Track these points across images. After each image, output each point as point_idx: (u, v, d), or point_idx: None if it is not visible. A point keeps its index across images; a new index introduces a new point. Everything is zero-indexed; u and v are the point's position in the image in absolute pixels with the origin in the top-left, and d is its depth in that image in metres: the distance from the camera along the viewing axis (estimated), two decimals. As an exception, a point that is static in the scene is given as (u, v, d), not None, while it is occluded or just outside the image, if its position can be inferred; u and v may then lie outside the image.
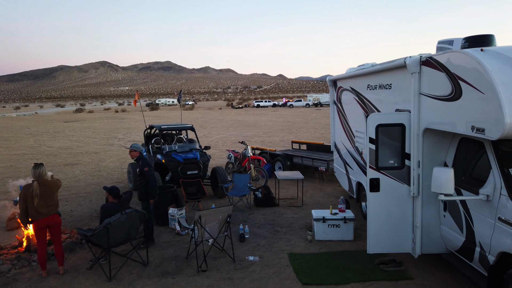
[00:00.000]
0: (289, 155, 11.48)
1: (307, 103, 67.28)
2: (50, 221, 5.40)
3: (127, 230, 5.50)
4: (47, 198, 5.33)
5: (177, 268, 5.57)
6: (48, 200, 5.34)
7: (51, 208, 5.39)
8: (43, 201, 5.27)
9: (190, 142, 9.99)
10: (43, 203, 5.27)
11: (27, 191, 5.22)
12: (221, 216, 5.67)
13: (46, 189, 5.32)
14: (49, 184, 5.41)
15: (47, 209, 5.33)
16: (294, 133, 24.30)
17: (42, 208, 5.26)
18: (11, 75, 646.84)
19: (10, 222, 7.64)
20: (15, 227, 7.59)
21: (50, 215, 5.39)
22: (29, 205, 5.23)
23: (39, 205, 5.23)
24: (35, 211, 5.23)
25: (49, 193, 5.38)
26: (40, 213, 5.26)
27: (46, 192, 5.32)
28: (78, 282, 5.26)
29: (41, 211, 5.26)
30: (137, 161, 6.94)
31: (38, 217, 5.27)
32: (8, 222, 7.67)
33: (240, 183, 8.49)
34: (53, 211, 5.44)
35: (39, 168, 5.34)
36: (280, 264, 5.61)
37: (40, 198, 5.24)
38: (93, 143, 22.24)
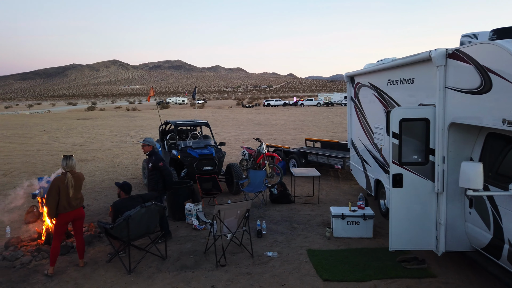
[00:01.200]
0: (304, 153, 11.40)
1: (318, 103, 66.94)
2: (76, 214, 5.39)
3: (146, 224, 5.49)
4: (77, 190, 5.34)
5: (195, 263, 5.55)
6: (77, 192, 5.35)
7: (79, 200, 5.41)
8: (74, 193, 5.27)
9: (205, 138, 9.98)
10: (75, 196, 5.28)
11: (61, 183, 5.16)
12: (239, 211, 5.63)
13: (76, 181, 5.32)
14: (79, 176, 5.42)
15: (77, 202, 5.35)
16: (306, 132, 24.17)
17: (73, 200, 5.26)
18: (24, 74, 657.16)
19: (28, 216, 7.71)
20: (33, 221, 7.66)
21: (78, 208, 5.40)
22: (62, 198, 5.16)
23: (73, 196, 5.23)
24: (68, 204, 5.20)
25: (79, 185, 5.38)
26: (72, 206, 5.25)
27: (76, 184, 5.32)
28: (98, 274, 5.27)
29: (72, 203, 5.26)
30: (150, 155, 6.94)
31: (68, 209, 5.23)
32: (26, 216, 7.74)
33: (255, 179, 8.44)
34: (81, 204, 5.46)
35: (70, 159, 5.33)
36: (299, 260, 5.55)
37: (74, 189, 5.24)
38: (106, 140, 22.41)
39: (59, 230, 5.34)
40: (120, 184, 5.87)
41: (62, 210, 5.21)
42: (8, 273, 5.35)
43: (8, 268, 5.49)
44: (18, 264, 5.55)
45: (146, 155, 6.97)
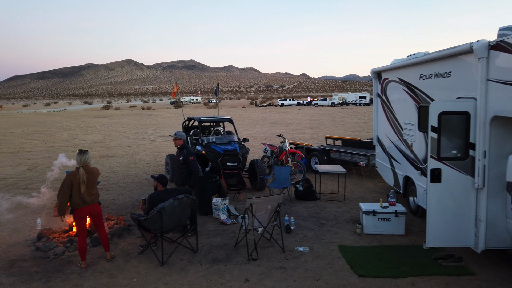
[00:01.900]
0: (326, 150, 11.30)
1: (332, 102, 66.49)
2: (92, 210, 5.29)
3: (178, 216, 5.49)
4: (91, 186, 5.25)
5: (226, 256, 5.53)
6: (91, 188, 5.27)
7: (94, 196, 5.31)
8: (88, 189, 5.18)
9: (229, 134, 9.97)
10: (87, 191, 5.18)
11: (73, 178, 5.08)
12: (271, 205, 5.59)
13: (90, 176, 5.22)
14: (93, 171, 5.33)
15: (91, 198, 5.25)
16: (323, 131, 24.00)
17: (87, 196, 5.18)
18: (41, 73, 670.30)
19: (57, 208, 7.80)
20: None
21: (93, 204, 5.30)
22: (74, 193, 5.09)
23: (85, 192, 5.14)
24: (80, 199, 5.12)
25: (93, 181, 5.30)
26: (85, 201, 5.16)
27: (90, 180, 5.23)
28: (131, 265, 5.30)
29: (86, 199, 5.17)
30: (181, 149, 6.97)
31: (82, 205, 5.15)
32: (55, 208, 7.82)
33: (280, 175, 8.38)
34: (95, 200, 5.35)
35: (85, 154, 5.25)
36: (331, 256, 5.48)
37: (87, 184, 5.17)
38: (124, 137, 22.64)
39: (79, 226, 5.28)
40: (156, 177, 5.88)
41: (75, 205, 5.14)
42: (42, 263, 5.42)
43: (42, 258, 5.57)
44: (51, 255, 5.62)
45: (177, 149, 7.00)
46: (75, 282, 4.84)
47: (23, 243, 6.20)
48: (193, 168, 6.86)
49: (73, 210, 5.18)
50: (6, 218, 7.57)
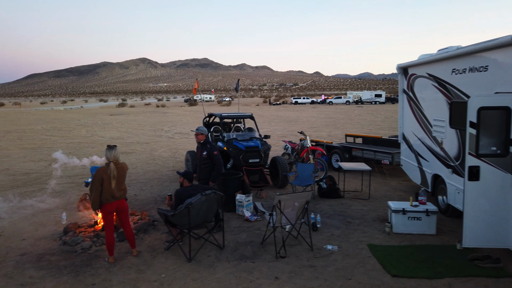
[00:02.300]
0: (348, 147, 11.11)
1: (347, 100, 65.85)
2: (119, 205, 5.26)
3: (205, 212, 5.43)
4: (121, 181, 5.23)
5: (254, 253, 5.44)
6: (121, 183, 5.24)
7: (122, 192, 5.28)
8: (118, 184, 5.16)
9: (250, 131, 9.88)
10: (117, 186, 5.16)
11: (104, 173, 5.07)
12: (297, 203, 5.47)
13: (120, 172, 5.21)
14: (123, 167, 5.31)
15: (120, 193, 5.23)
16: (340, 129, 23.73)
17: (116, 192, 5.16)
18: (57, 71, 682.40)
19: (81, 203, 7.85)
20: (86, 208, 7.79)
21: (121, 199, 5.28)
22: (105, 188, 5.07)
23: (115, 188, 5.12)
24: (110, 195, 5.10)
25: (123, 176, 5.28)
26: (114, 197, 5.14)
27: (120, 175, 5.21)
28: (158, 261, 5.26)
29: (115, 194, 5.15)
30: (204, 144, 6.90)
31: (111, 200, 5.12)
32: (79, 203, 7.88)
33: (304, 172, 8.26)
34: (124, 195, 5.34)
35: (114, 149, 5.22)
36: (361, 255, 5.34)
37: (117, 180, 5.14)
38: (142, 134, 22.79)
39: (107, 221, 5.26)
40: (182, 173, 5.83)
41: (105, 201, 5.11)
42: (70, 257, 5.43)
43: (69, 252, 5.57)
44: (79, 249, 5.63)
45: (199, 144, 6.94)
46: (104, 277, 4.82)
47: (50, 237, 6.24)
48: (217, 162, 6.80)
49: (102, 204, 5.15)
50: (31, 212, 7.64)
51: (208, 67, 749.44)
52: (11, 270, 5.06)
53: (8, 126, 28.87)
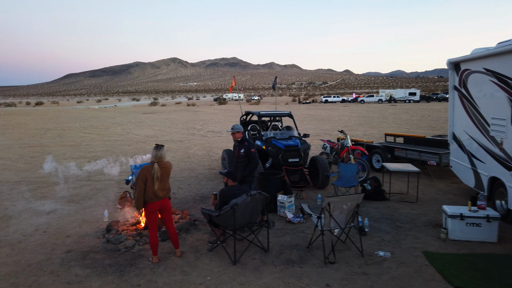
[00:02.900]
0: (390, 147, 10.63)
1: (379, 99, 64.11)
2: (163, 204, 5.15)
3: (250, 213, 5.24)
4: (165, 180, 5.12)
5: (300, 257, 5.20)
6: (165, 183, 5.13)
7: (166, 191, 5.17)
8: (161, 184, 5.05)
9: (288, 130, 9.61)
10: (161, 186, 5.06)
11: (148, 173, 4.98)
12: (345, 206, 5.17)
13: (164, 172, 5.10)
14: (167, 166, 5.19)
15: (163, 193, 5.12)
16: (375, 128, 23.01)
17: (160, 191, 5.06)
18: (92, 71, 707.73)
19: (122, 201, 7.86)
20: (126, 206, 7.80)
21: (165, 198, 5.18)
22: (148, 188, 4.98)
23: (158, 188, 5.01)
24: (153, 194, 5.00)
25: (166, 176, 5.16)
26: (157, 196, 5.04)
27: (164, 175, 5.10)
28: (202, 262, 5.11)
29: (159, 194, 5.05)
30: (241, 142, 6.73)
31: (154, 199, 5.03)
32: (120, 201, 7.90)
33: (346, 173, 7.92)
34: (167, 194, 5.23)
35: (161, 149, 5.10)
36: (417, 263, 4.97)
37: (160, 180, 5.04)
38: (175, 132, 23.03)
39: (150, 220, 5.15)
40: (225, 173, 5.67)
41: (148, 200, 5.02)
42: (114, 255, 5.38)
43: (113, 251, 5.54)
44: (122, 248, 5.58)
45: (236, 142, 6.77)
46: (149, 278, 4.72)
47: (93, 235, 6.25)
48: (254, 160, 6.62)
49: (146, 203, 5.07)
50: (74, 209, 7.74)
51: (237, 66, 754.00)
52: (57, 267, 5.06)
53: (48, 124, 30.03)
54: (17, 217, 7.27)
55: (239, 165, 6.73)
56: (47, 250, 5.66)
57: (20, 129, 26.03)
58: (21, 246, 5.84)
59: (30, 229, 6.60)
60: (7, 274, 4.90)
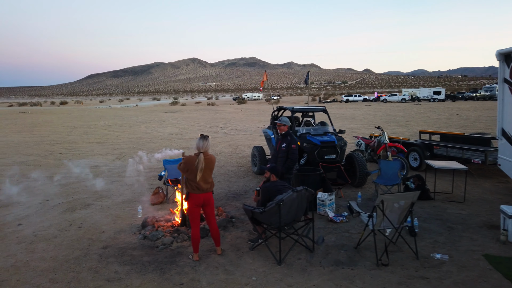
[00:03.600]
0: (428, 145, 10.12)
1: (403, 98, 62.71)
2: (206, 198, 4.91)
3: (295, 210, 4.94)
4: (208, 173, 4.88)
5: (349, 258, 4.86)
6: (208, 176, 4.89)
7: (209, 185, 4.93)
8: (205, 176, 4.82)
9: (322, 125, 9.25)
10: (204, 179, 4.82)
11: (190, 164, 4.76)
12: (397, 204, 4.80)
13: (208, 163, 4.86)
14: (211, 159, 4.95)
15: (207, 186, 4.88)
16: (403, 126, 22.32)
17: (203, 184, 4.83)
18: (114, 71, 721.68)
19: (154, 197, 7.71)
20: (159, 202, 7.65)
21: (208, 192, 4.94)
22: (190, 179, 4.78)
23: (201, 180, 4.79)
24: (195, 186, 4.79)
25: (210, 169, 4.92)
26: (200, 189, 4.82)
27: (208, 167, 4.86)
28: (245, 262, 4.85)
29: (202, 186, 4.82)
30: (285, 136, 6.47)
31: (197, 191, 4.82)
32: (152, 197, 7.74)
33: (388, 170, 7.52)
34: (211, 189, 4.99)
35: (207, 140, 4.88)
36: (479, 267, 4.57)
37: (204, 172, 4.81)
38: (198, 130, 22.95)
39: (193, 214, 4.92)
40: (269, 167, 5.39)
41: (191, 189, 4.82)
42: (152, 252, 5.18)
43: (151, 247, 5.34)
44: (160, 244, 5.37)
45: (279, 135, 6.52)
46: (191, 276, 4.48)
47: (129, 231, 6.08)
48: (292, 156, 6.36)
49: (189, 194, 4.85)
50: (107, 205, 7.62)
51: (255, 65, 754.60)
52: (95, 263, 4.89)
53: (73, 122, 30.53)
54: (51, 211, 7.20)
55: (278, 160, 6.49)
56: (83, 245, 5.51)
57: (47, 127, 26.51)
58: (57, 241, 5.71)
59: (65, 224, 6.50)
60: (45, 269, 4.76)
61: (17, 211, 7.25)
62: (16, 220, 6.70)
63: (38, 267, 4.82)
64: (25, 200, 7.95)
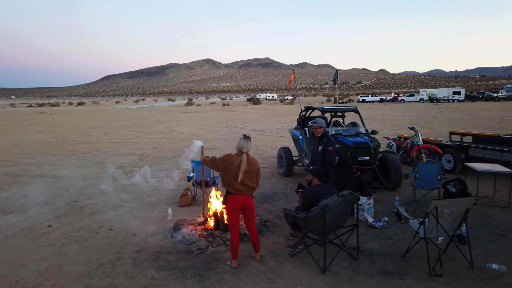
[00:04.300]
0: (463, 146, 9.69)
1: (421, 98, 61.52)
2: (246, 202, 4.64)
3: (340, 215, 4.67)
4: (249, 176, 4.59)
5: (398, 268, 4.56)
6: (249, 179, 4.60)
7: (248, 188, 4.63)
8: (244, 179, 4.55)
9: (354, 126, 8.92)
10: (243, 181, 4.55)
11: (230, 162, 4.52)
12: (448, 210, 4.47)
13: (250, 166, 4.61)
14: (254, 161, 4.70)
15: (244, 188, 4.61)
16: (427, 127, 21.73)
17: (241, 185, 4.57)
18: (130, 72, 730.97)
19: (183, 199, 7.54)
20: (187, 204, 7.47)
21: (247, 195, 4.68)
22: (226, 178, 4.54)
23: (240, 182, 4.52)
24: (232, 186, 4.56)
25: (253, 171, 4.64)
26: (237, 189, 4.57)
27: (250, 169, 4.60)
28: (286, 269, 4.60)
29: (241, 187, 4.56)
30: (321, 138, 6.21)
31: (235, 192, 4.58)
32: (181, 199, 7.57)
33: (427, 173, 7.17)
34: (251, 191, 4.71)
35: (250, 140, 4.63)
36: (543, 280, 4.22)
37: (245, 174, 4.56)
38: (217, 131, 22.81)
39: (232, 219, 4.66)
40: (312, 170, 5.13)
41: (228, 188, 4.58)
42: (187, 257, 4.98)
43: (185, 252, 5.14)
44: (195, 249, 5.17)
45: (317, 138, 6.26)
46: (232, 284, 4.25)
47: (160, 234, 5.90)
48: (329, 159, 6.10)
49: (227, 196, 4.62)
50: (134, 206, 7.48)
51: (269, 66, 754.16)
52: (131, 268, 4.72)
53: (92, 122, 30.80)
54: (79, 213, 7.09)
55: (315, 163, 6.26)
56: (116, 248, 5.35)
57: (67, 127, 26.78)
58: (88, 243, 5.57)
59: (94, 225, 6.36)
60: (80, 274, 4.60)
61: (45, 212, 7.16)
62: (45, 222, 6.60)
63: (72, 271, 4.68)
64: (52, 201, 7.88)
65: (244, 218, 4.84)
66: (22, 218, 6.81)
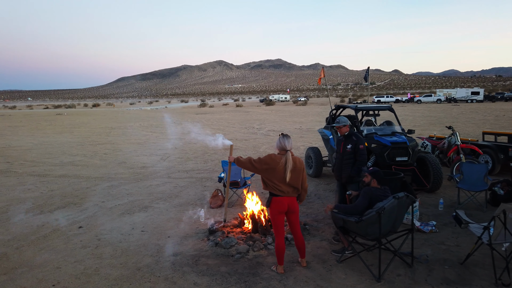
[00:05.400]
0: (503, 147, 9.22)
1: (438, 99, 60.33)
2: (291, 204, 4.37)
3: (394, 219, 4.35)
4: (295, 177, 4.31)
5: (459, 276, 4.22)
6: (295, 180, 4.32)
7: (293, 189, 4.36)
8: (292, 179, 4.28)
9: (389, 125, 8.55)
10: (291, 182, 4.28)
11: (275, 163, 4.23)
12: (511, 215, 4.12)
13: (297, 163, 4.34)
14: (299, 160, 4.41)
15: (289, 189, 4.33)
16: (451, 128, 21.09)
17: (287, 187, 4.29)
18: (143, 74, 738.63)
19: (214, 200, 7.30)
20: (219, 205, 7.23)
21: (293, 196, 4.41)
22: (273, 182, 4.26)
23: (289, 182, 4.25)
24: (278, 189, 4.27)
25: (299, 170, 4.36)
26: (282, 191, 4.29)
27: (297, 168, 4.33)
28: (336, 276, 4.30)
29: (287, 189, 4.29)
30: (348, 137, 5.87)
31: (279, 193, 4.30)
32: (212, 200, 7.34)
33: (472, 174, 6.77)
34: (296, 193, 4.44)
35: (290, 138, 4.38)
36: None
37: (292, 173, 4.26)
38: (235, 131, 22.61)
39: (277, 222, 4.38)
40: (371, 171, 4.81)
41: (272, 189, 4.31)
42: (228, 262, 4.72)
43: (225, 256, 4.88)
44: (235, 253, 4.92)
45: (342, 137, 5.94)
46: (281, 292, 3.98)
47: (195, 236, 5.66)
48: (361, 158, 5.76)
49: (272, 198, 4.33)
50: (164, 207, 7.27)
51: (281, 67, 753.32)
52: (170, 273, 4.48)
53: (109, 123, 30.97)
54: (109, 214, 6.91)
55: (344, 163, 5.90)
56: (152, 251, 5.13)
57: (85, 128, 26.94)
58: (123, 246, 5.36)
59: (126, 227, 6.16)
60: (119, 278, 4.39)
61: (74, 213, 7.01)
62: (76, 223, 6.44)
63: (110, 275, 4.46)
64: (80, 202, 7.73)
65: (289, 221, 4.56)
66: (51, 218, 6.66)
